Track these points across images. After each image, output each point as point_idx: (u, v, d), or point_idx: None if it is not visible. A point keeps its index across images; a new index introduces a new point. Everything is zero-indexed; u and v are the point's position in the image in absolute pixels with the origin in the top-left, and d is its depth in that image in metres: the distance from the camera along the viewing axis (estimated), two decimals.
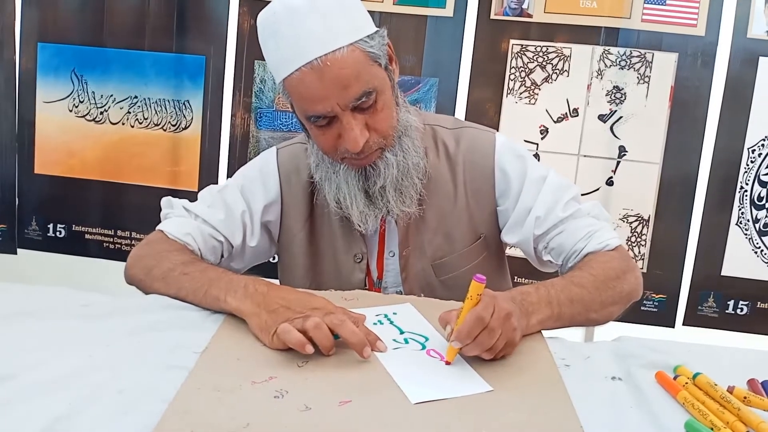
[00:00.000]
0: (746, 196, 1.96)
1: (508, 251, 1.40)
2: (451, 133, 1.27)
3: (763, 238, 1.98)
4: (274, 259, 1.39)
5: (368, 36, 1.07)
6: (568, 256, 1.19)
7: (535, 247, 1.23)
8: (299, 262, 1.29)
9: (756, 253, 1.98)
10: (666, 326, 2.03)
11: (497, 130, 1.36)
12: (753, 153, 1.94)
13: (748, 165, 1.95)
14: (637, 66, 1.94)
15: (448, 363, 0.88)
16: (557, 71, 1.97)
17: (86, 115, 2.14)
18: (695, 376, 0.85)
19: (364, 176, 1.15)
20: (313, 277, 1.29)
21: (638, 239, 2.00)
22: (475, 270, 1.26)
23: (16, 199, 2.19)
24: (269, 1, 1.08)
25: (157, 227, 1.22)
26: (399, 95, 1.17)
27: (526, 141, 2.00)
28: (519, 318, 0.92)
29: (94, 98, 2.13)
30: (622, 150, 1.98)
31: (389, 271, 1.27)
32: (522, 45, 1.97)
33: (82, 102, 2.13)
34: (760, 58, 1.90)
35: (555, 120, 1.99)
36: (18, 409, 0.74)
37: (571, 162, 2.00)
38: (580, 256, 1.16)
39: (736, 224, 1.97)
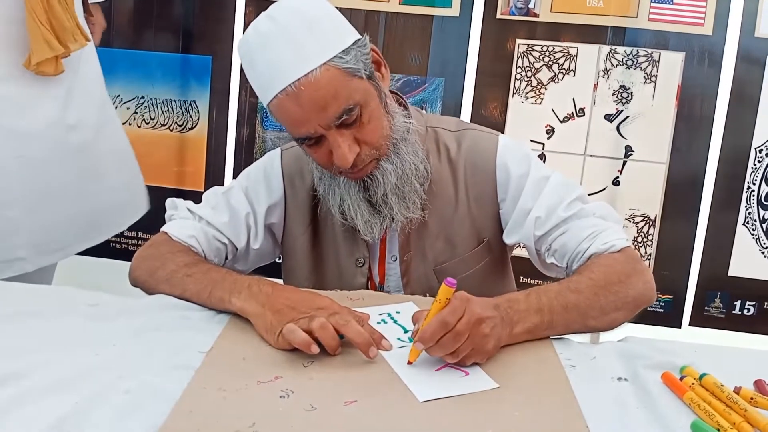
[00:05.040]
0: (753, 196, 1.95)
1: (514, 252, 1.38)
2: (453, 135, 1.25)
3: None
4: (279, 259, 1.39)
5: (342, 51, 1.04)
6: (572, 258, 1.14)
7: (538, 249, 1.19)
8: (302, 264, 1.29)
9: (763, 253, 1.97)
10: (672, 327, 2.03)
11: (503, 130, 1.35)
12: (760, 153, 1.93)
13: (755, 165, 1.94)
14: (643, 65, 1.93)
15: (409, 363, 0.88)
16: (563, 71, 1.97)
17: None
18: (702, 376, 0.85)
19: (363, 187, 1.14)
20: (315, 279, 1.29)
21: (645, 239, 2.00)
22: (477, 275, 1.25)
23: None
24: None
25: (162, 229, 1.21)
26: (388, 102, 1.14)
27: (532, 141, 2.00)
28: (498, 326, 0.90)
29: None
30: (628, 150, 1.97)
31: (391, 276, 1.25)
32: (528, 44, 1.97)
33: None
34: None
35: (561, 120, 1.99)
36: (24, 409, 0.74)
37: (577, 162, 2.00)
38: (584, 257, 1.11)
39: (743, 224, 1.96)
